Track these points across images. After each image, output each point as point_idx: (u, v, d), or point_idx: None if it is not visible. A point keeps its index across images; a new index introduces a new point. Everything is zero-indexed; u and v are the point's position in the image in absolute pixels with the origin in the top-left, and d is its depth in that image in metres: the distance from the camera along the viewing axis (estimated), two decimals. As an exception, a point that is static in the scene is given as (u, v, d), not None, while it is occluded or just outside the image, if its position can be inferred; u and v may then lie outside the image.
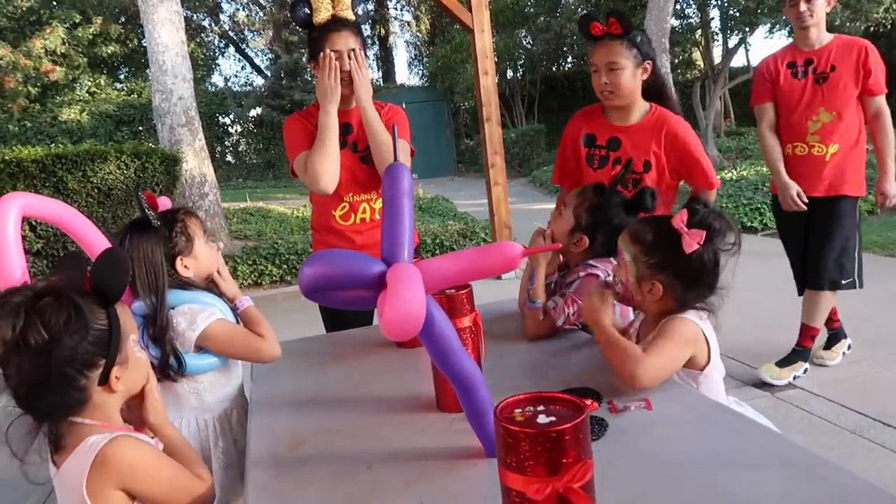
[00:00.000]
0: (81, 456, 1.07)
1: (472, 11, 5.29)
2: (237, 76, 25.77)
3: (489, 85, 5.39)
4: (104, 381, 1.11)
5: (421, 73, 24.29)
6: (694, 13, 14.62)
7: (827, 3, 3.02)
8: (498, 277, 5.05)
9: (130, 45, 16.78)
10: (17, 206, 1.47)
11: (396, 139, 1.32)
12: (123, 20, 16.52)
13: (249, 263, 6.39)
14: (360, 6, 20.31)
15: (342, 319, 2.27)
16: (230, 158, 17.60)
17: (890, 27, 12.24)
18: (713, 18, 14.25)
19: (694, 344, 1.45)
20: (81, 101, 15.73)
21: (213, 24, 21.43)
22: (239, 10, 21.76)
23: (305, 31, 2.24)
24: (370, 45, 21.45)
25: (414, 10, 23.02)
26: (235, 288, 1.78)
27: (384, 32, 22.35)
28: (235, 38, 22.18)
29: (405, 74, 33.65)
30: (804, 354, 3.25)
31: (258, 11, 21.37)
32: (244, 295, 1.79)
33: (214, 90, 18.80)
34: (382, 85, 19.74)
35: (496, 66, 5.81)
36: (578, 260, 1.88)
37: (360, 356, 1.85)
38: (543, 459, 0.79)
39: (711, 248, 1.46)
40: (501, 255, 1.05)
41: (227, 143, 17.66)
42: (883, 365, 3.27)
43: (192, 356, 1.62)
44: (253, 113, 17.23)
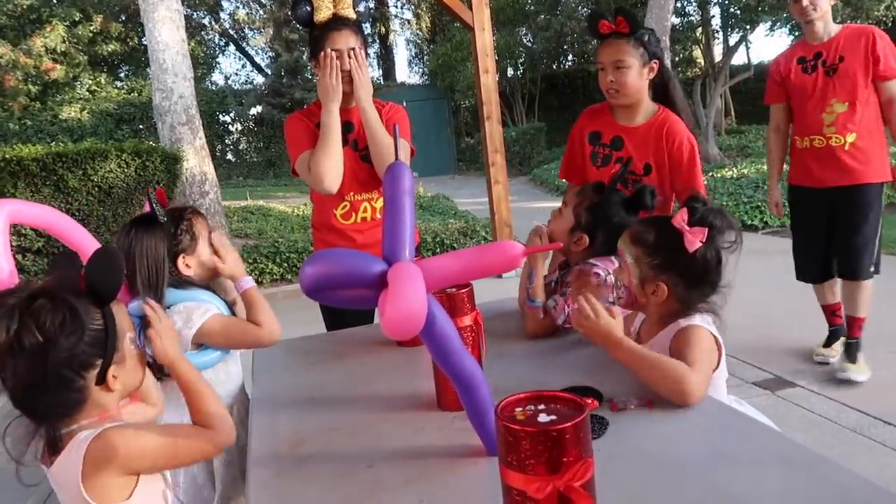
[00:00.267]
0: (73, 452, 1.07)
1: (472, 9, 5.28)
2: (237, 74, 25.84)
3: (489, 83, 5.38)
4: (101, 380, 1.10)
5: (421, 71, 24.29)
6: (694, 11, 14.60)
7: None
8: (499, 276, 5.05)
9: (131, 43, 16.77)
10: (3, 213, 1.47)
11: (397, 138, 1.32)
12: (124, 18, 16.50)
13: (250, 262, 6.40)
14: (360, 4, 20.31)
15: (343, 318, 2.27)
16: (231, 157, 17.60)
17: (891, 24, 12.23)
18: (714, 16, 14.24)
19: (715, 352, 1.45)
20: (82, 99, 15.72)
21: (213, 22, 21.43)
22: (239, 8, 21.77)
23: (306, 29, 2.24)
24: (370, 43, 21.43)
25: (414, 7, 23.00)
26: (238, 268, 1.75)
27: (384, 30, 22.33)
28: (236, 36, 22.17)
29: (405, 72, 33.70)
30: (857, 344, 3.27)
31: (258, 9, 21.36)
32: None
33: (215, 88, 18.80)
34: (383, 83, 19.73)
35: (496, 64, 5.81)
36: (579, 259, 1.87)
37: (360, 355, 1.85)
38: (544, 458, 0.79)
39: (713, 246, 1.45)
40: (502, 253, 1.05)
41: (227, 141, 17.66)
42: (883, 363, 3.27)
43: (190, 354, 1.63)
44: (253, 111, 17.23)
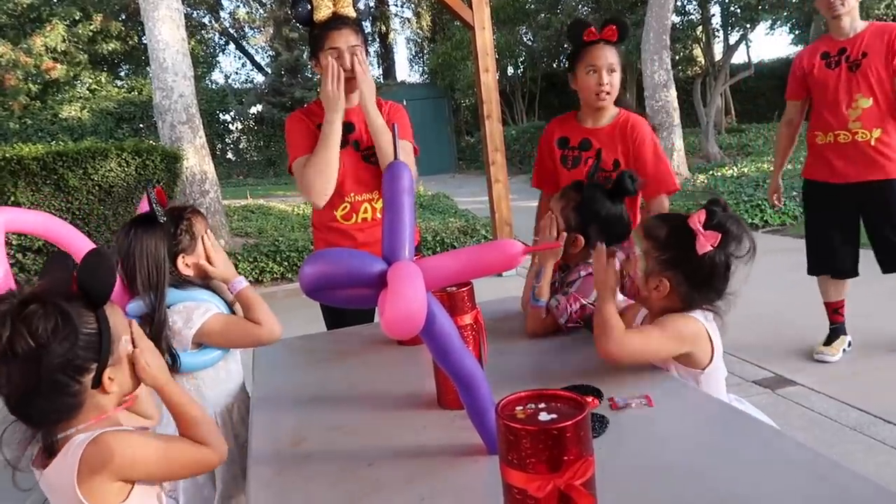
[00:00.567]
0: (69, 456, 1.06)
1: (472, 8, 5.28)
2: (238, 73, 25.83)
3: (490, 82, 5.38)
4: (97, 383, 1.10)
5: (421, 69, 24.27)
6: (695, 9, 14.60)
7: None
8: (499, 275, 5.05)
9: (131, 42, 16.76)
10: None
11: (397, 137, 1.32)
12: (124, 17, 16.49)
13: (250, 261, 6.40)
14: (360, 2, 20.29)
15: (343, 317, 2.27)
16: (231, 156, 17.58)
17: (892, 22, 12.22)
18: (714, 15, 14.24)
19: (691, 342, 1.45)
20: (82, 98, 15.72)
21: (213, 21, 21.40)
22: (239, 7, 21.75)
23: (306, 28, 2.23)
24: (370, 41, 21.42)
25: (414, 6, 22.98)
26: (229, 270, 1.73)
27: (384, 29, 22.31)
28: (236, 34, 22.15)
29: (406, 71, 33.67)
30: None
31: (258, 8, 21.34)
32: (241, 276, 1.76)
33: (215, 87, 18.79)
34: (383, 82, 19.72)
35: (497, 62, 5.80)
36: (578, 259, 1.88)
37: (361, 353, 1.85)
38: (545, 456, 0.79)
39: (724, 252, 1.45)
40: (502, 252, 1.05)
41: (227, 140, 17.64)
42: (884, 361, 3.27)
43: (190, 353, 1.63)
44: (253, 110, 17.21)
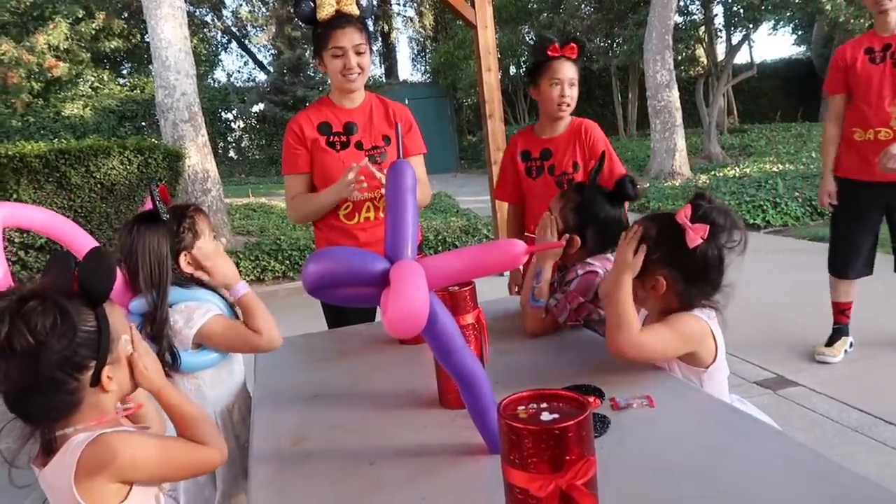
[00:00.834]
0: (67, 456, 1.06)
1: (475, 7, 5.27)
2: (240, 72, 25.83)
3: (492, 81, 5.38)
4: (96, 382, 1.09)
5: (423, 69, 24.29)
6: (698, 10, 14.59)
7: None
8: (500, 274, 5.05)
9: (133, 40, 16.77)
10: None
11: (399, 136, 1.32)
12: (126, 15, 16.50)
13: (252, 259, 6.41)
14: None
15: (344, 316, 2.27)
16: (233, 154, 17.60)
17: None
18: (717, 15, 14.23)
19: (696, 342, 1.45)
20: (84, 96, 15.74)
21: (215, 19, 21.42)
22: (241, 5, 21.78)
23: (309, 26, 2.24)
24: (373, 40, 21.40)
25: (417, 5, 23.00)
26: (231, 276, 1.68)
27: (387, 28, 22.32)
28: (238, 33, 22.17)
29: (408, 70, 33.70)
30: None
31: (261, 7, 21.36)
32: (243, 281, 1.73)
33: (217, 86, 18.81)
34: (385, 81, 19.71)
35: (499, 62, 5.79)
36: (575, 260, 1.89)
37: (362, 352, 1.85)
38: (546, 456, 0.79)
39: (715, 244, 1.45)
40: (504, 252, 1.05)
41: (229, 138, 17.66)
42: (885, 362, 3.27)
43: (191, 353, 1.63)
44: (255, 109, 17.21)
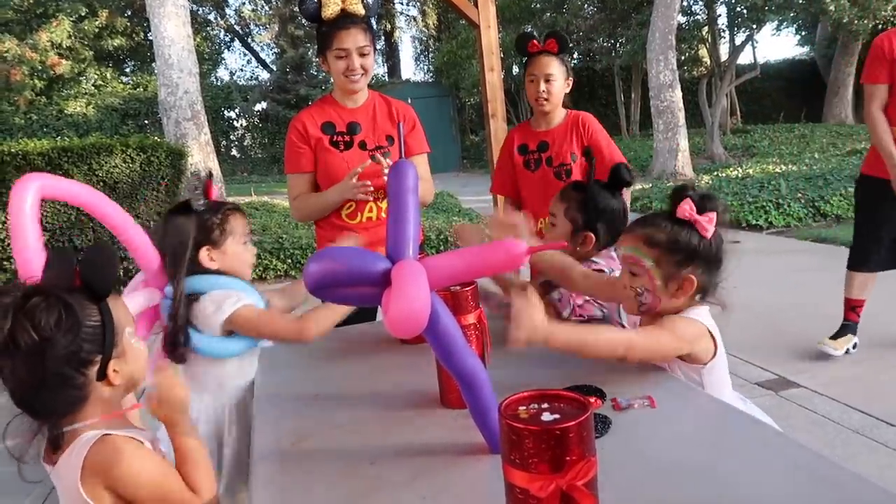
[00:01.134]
0: (75, 453, 1.06)
1: (478, 7, 5.27)
2: (242, 70, 25.79)
3: (495, 81, 5.37)
4: (102, 376, 1.10)
5: (426, 68, 24.27)
6: (701, 10, 14.57)
7: None
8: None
9: (136, 38, 16.80)
10: (35, 187, 1.48)
11: (401, 135, 1.32)
12: (129, 13, 16.52)
13: (254, 258, 6.41)
14: None
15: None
16: (235, 153, 17.61)
17: (898, 25, 12.16)
18: (720, 15, 14.22)
19: (693, 343, 1.44)
20: (87, 94, 15.76)
21: (218, 17, 21.43)
22: (245, 4, 21.78)
23: (313, 24, 2.23)
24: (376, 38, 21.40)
25: (420, 4, 22.99)
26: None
27: (390, 27, 22.32)
28: (241, 32, 22.18)
29: (411, 69, 33.67)
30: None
31: (264, 5, 21.36)
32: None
33: (220, 84, 18.82)
34: (388, 80, 19.71)
35: (502, 61, 5.80)
36: (583, 257, 1.88)
37: (364, 352, 1.85)
38: (547, 457, 0.79)
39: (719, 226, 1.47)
40: (506, 252, 1.05)
41: (232, 137, 17.67)
42: (888, 364, 3.26)
43: (219, 339, 1.66)
44: (258, 107, 17.23)
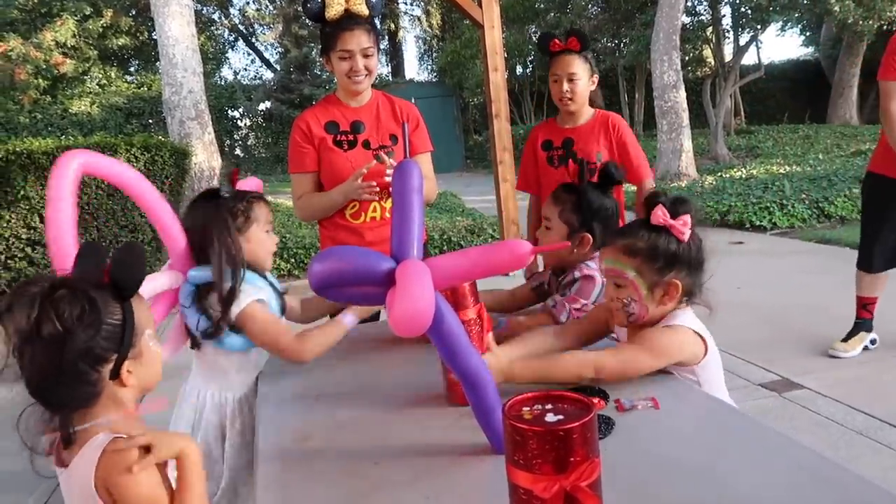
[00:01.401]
0: (87, 455, 1.06)
1: (482, 7, 5.27)
2: (246, 70, 25.88)
3: (498, 81, 5.37)
4: (115, 375, 1.11)
5: (430, 68, 24.30)
6: (705, 10, 14.54)
7: None
8: (506, 275, 5.04)
9: (141, 37, 16.82)
10: (77, 163, 1.49)
11: (406, 134, 1.32)
12: (134, 13, 16.55)
13: (257, 257, 6.41)
14: None
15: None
16: (239, 152, 17.64)
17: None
18: (724, 16, 14.17)
19: (677, 354, 1.44)
20: (92, 93, 15.79)
21: (222, 17, 21.47)
22: (249, 3, 21.81)
23: (317, 24, 2.23)
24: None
25: (424, 4, 22.99)
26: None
27: (394, 27, 22.33)
28: (245, 31, 22.21)
29: (414, 69, 33.72)
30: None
31: (268, 5, 21.39)
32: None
33: (224, 84, 18.85)
34: (391, 80, 19.72)
35: (506, 61, 5.79)
36: (576, 260, 1.89)
37: (367, 351, 1.85)
38: (551, 458, 0.79)
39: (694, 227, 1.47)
40: (510, 252, 1.05)
41: (236, 136, 17.70)
42: (891, 365, 3.25)
43: (228, 331, 1.65)
44: (262, 107, 17.26)
